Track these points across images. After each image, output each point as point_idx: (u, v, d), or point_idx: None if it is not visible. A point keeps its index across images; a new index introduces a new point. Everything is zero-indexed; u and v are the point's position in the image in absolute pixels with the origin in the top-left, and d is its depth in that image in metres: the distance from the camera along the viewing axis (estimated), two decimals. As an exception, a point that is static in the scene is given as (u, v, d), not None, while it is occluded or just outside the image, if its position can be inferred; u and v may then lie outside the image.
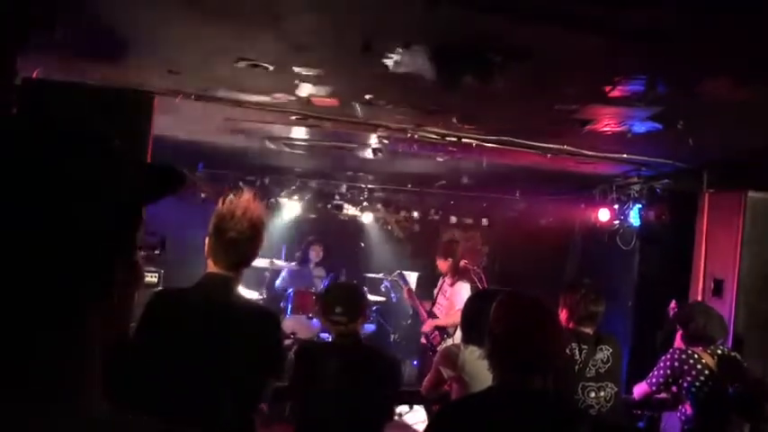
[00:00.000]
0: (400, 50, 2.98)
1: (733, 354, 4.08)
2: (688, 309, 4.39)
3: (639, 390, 4.26)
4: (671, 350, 4.12)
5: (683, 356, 4.01)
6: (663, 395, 4.28)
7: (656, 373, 4.13)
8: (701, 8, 2.36)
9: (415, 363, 8.13)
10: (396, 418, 4.06)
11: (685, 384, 3.97)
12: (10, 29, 3.05)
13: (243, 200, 2.70)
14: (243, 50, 3.27)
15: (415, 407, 6.34)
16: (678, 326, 4.23)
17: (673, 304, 4.63)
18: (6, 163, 0.77)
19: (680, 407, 4.11)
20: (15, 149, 0.78)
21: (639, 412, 4.69)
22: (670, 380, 4.06)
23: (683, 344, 4.14)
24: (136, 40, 3.30)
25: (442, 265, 6.70)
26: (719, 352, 4.02)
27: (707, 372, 3.93)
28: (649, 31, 2.55)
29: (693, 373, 3.94)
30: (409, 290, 7.38)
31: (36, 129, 0.82)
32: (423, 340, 6.83)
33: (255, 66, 3.45)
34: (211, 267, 2.66)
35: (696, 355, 3.99)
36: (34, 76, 3.60)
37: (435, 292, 6.95)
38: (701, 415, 3.95)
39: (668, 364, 4.06)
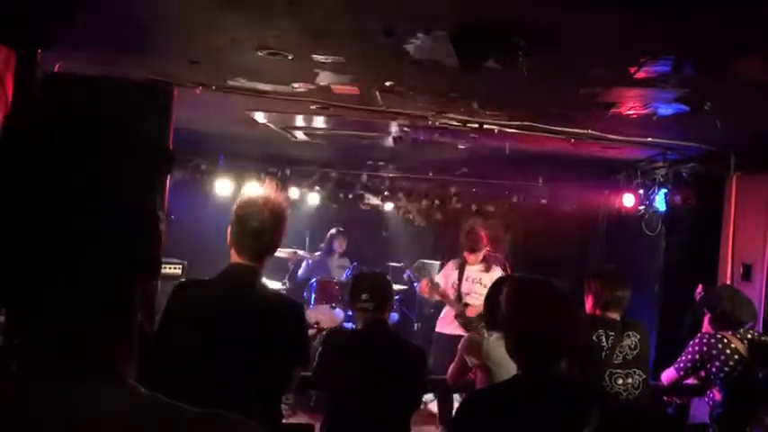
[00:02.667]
0: (421, 35, 2.95)
1: (764, 338, 4.02)
2: (715, 292, 4.33)
3: (667, 376, 4.20)
4: (699, 335, 4.07)
5: (712, 341, 3.95)
6: (691, 380, 4.22)
7: (683, 358, 4.08)
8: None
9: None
10: (421, 406, 4.05)
11: (714, 369, 3.92)
12: (30, 23, 3.06)
13: (264, 190, 2.70)
14: (262, 38, 3.26)
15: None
16: (706, 310, 4.17)
17: (699, 288, 4.57)
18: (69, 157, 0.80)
19: (708, 392, 4.05)
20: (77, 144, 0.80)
21: (668, 399, 4.64)
22: (698, 365, 4.01)
23: (711, 328, 4.08)
24: (155, 31, 3.30)
25: (475, 257, 6.36)
26: (749, 336, 3.96)
27: (736, 356, 3.88)
28: (677, 9, 2.49)
29: (722, 357, 3.89)
30: (426, 282, 7.08)
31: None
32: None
33: (275, 54, 3.44)
34: (234, 258, 2.66)
35: (725, 340, 3.93)
36: (56, 69, 3.62)
37: (454, 282, 6.71)
38: (729, 400, 3.90)
39: (696, 348, 4.00)
